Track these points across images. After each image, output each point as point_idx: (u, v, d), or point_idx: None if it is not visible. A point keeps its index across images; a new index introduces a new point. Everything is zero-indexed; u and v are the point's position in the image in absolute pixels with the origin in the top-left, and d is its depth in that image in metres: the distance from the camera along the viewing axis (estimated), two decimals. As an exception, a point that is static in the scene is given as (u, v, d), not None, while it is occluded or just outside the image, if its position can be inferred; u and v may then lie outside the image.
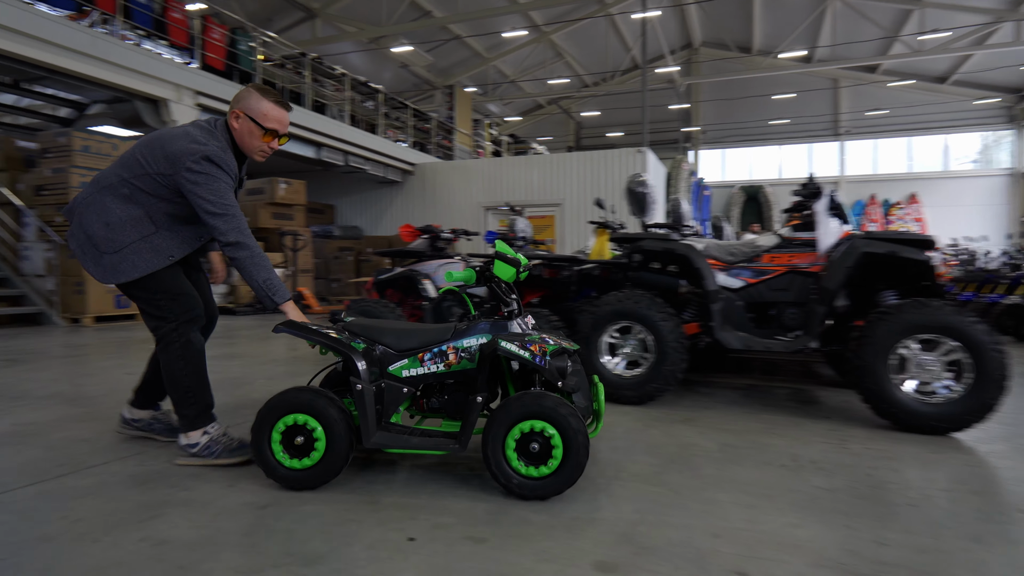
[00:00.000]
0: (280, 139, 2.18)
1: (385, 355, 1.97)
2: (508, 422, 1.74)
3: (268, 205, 10.80)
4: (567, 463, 1.71)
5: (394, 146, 12.89)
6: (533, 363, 1.76)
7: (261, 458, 1.84)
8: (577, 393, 1.95)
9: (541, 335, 1.88)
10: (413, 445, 1.83)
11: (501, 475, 1.75)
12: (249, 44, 9.40)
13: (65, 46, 6.65)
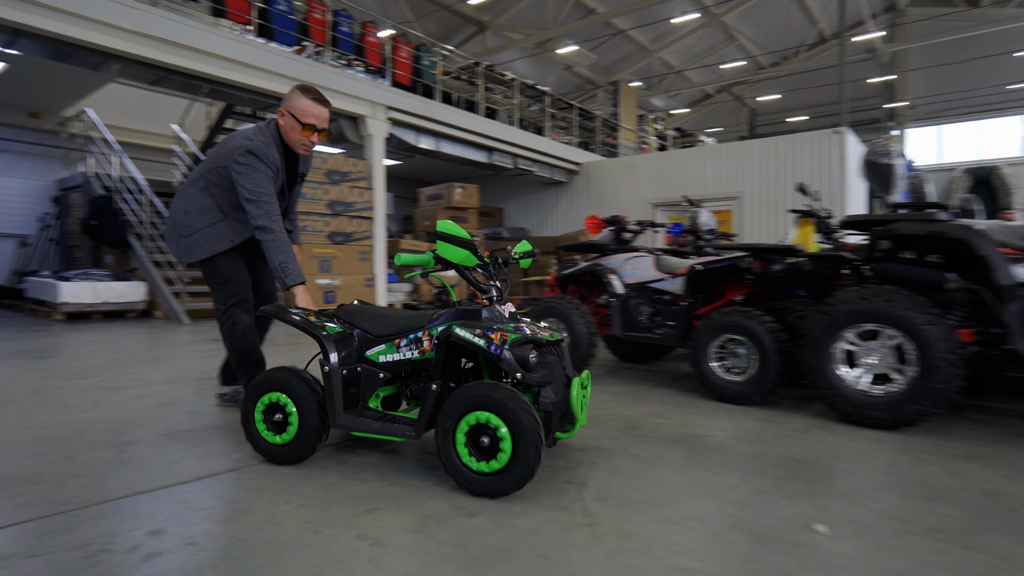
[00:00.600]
0: (319, 133, 2.37)
1: (363, 340, 1.98)
2: (457, 413, 1.66)
3: (446, 209, 11.48)
4: (515, 461, 1.60)
5: (560, 146, 12.93)
6: (487, 351, 1.67)
7: (248, 432, 1.96)
8: (547, 387, 1.77)
9: (519, 324, 1.79)
10: (375, 429, 1.82)
11: (450, 467, 1.69)
12: (431, 59, 10.05)
13: (289, 76, 7.67)
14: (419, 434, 1.77)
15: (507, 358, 1.67)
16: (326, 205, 8.38)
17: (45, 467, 1.91)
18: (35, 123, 10.21)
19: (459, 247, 1.74)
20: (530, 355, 1.69)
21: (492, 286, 1.89)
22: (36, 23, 5.74)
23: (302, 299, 2.17)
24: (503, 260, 2.08)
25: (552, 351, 1.88)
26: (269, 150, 2.30)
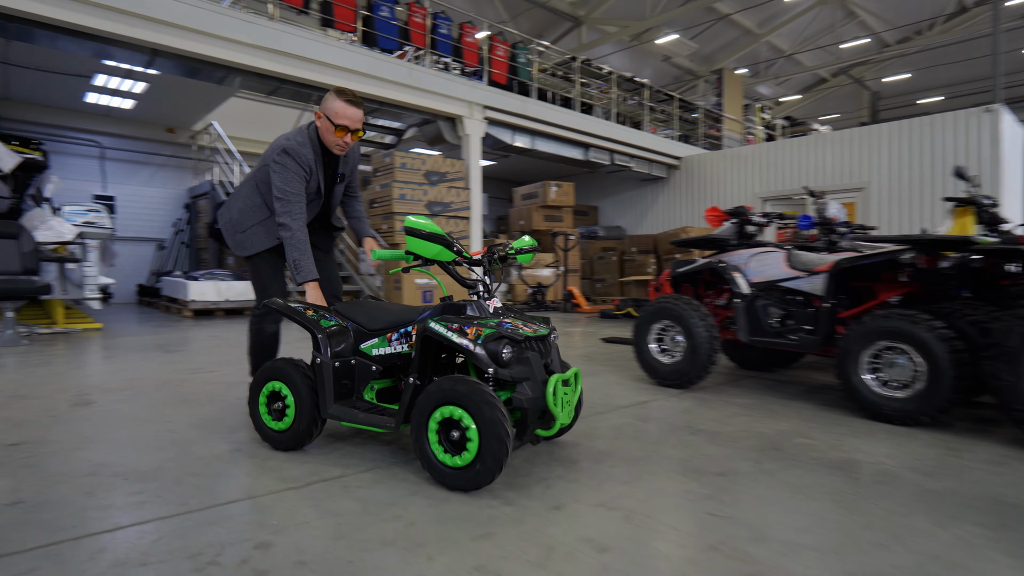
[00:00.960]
0: (352, 134, 2.39)
1: (358, 334, 2.04)
2: (429, 407, 1.68)
3: (541, 208, 11.33)
4: (481, 455, 1.60)
5: (659, 140, 12.36)
6: (459, 346, 1.68)
7: (253, 418, 2.09)
8: (523, 384, 1.73)
9: (502, 320, 1.78)
10: (360, 420, 1.87)
11: (424, 460, 1.71)
12: (527, 57, 9.94)
13: (391, 80, 7.85)
14: (397, 426, 1.81)
15: (478, 353, 1.67)
16: (425, 206, 8.49)
17: (165, 463, 1.92)
18: (171, 137, 11.24)
19: (430, 242, 1.74)
20: (503, 350, 1.67)
21: (478, 281, 1.88)
22: (171, 42, 6.21)
23: (311, 295, 2.26)
24: (500, 256, 2.07)
25: (533, 347, 1.82)
26: (303, 150, 2.38)
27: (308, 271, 2.28)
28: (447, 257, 1.78)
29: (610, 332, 6.34)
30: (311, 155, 2.40)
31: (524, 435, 1.77)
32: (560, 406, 1.78)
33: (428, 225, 1.74)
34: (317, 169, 2.45)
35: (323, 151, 2.48)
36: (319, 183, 2.48)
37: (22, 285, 4.60)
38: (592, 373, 3.73)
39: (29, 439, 2.16)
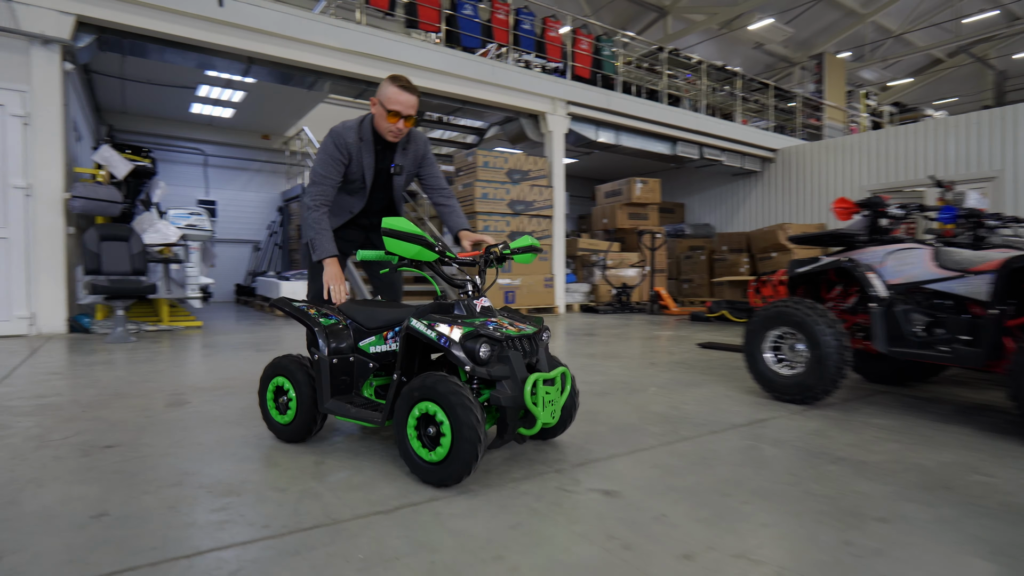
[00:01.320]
0: (405, 120, 2.36)
1: (357, 332, 2.09)
2: (408, 403, 1.71)
3: (625, 206, 10.91)
4: (453, 452, 1.62)
5: (753, 132, 11.57)
6: (437, 344, 1.71)
7: (263, 411, 2.19)
8: (503, 383, 1.73)
9: (488, 319, 1.80)
10: (351, 414, 1.91)
11: (404, 455, 1.74)
12: (611, 49, 9.57)
13: (474, 78, 7.77)
14: (383, 421, 1.83)
15: (455, 351, 1.69)
16: (507, 205, 8.35)
17: (250, 475, 1.81)
18: (266, 144, 11.81)
19: (408, 242, 1.75)
20: (479, 348, 1.68)
21: (466, 280, 1.89)
22: (266, 50, 6.41)
23: (327, 272, 2.30)
24: (496, 256, 2.08)
25: (516, 346, 1.80)
26: (347, 134, 2.40)
27: (323, 249, 2.35)
28: (428, 257, 1.81)
29: (705, 336, 5.89)
30: (354, 140, 2.41)
31: (505, 434, 1.77)
32: (542, 406, 1.77)
33: (405, 225, 1.75)
34: (361, 156, 2.45)
35: (376, 140, 2.47)
36: (363, 171, 2.47)
37: (131, 285, 4.85)
38: (695, 383, 3.38)
39: (123, 441, 2.15)
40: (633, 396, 3.03)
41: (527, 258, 2.14)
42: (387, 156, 2.53)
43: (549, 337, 1.96)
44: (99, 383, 3.21)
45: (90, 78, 8.26)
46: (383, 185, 2.61)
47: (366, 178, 2.50)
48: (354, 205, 2.57)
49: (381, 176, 2.56)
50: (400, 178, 2.61)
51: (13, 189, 5.24)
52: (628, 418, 2.57)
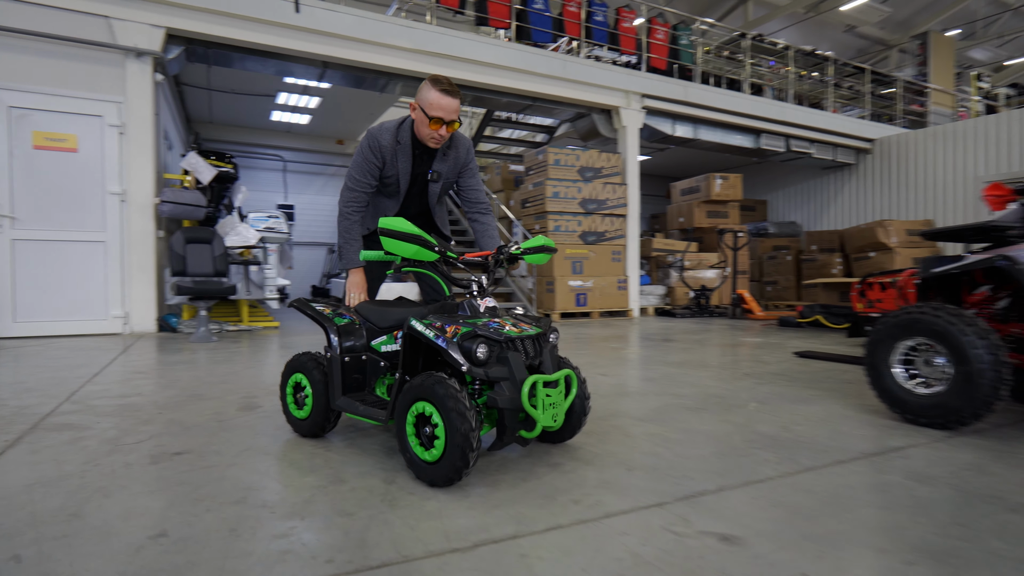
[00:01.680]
0: (448, 126, 2.26)
1: (370, 331, 2.11)
2: (407, 402, 1.71)
3: (703, 203, 10.34)
4: (447, 452, 1.60)
5: (847, 121, 10.68)
6: (434, 343, 1.70)
7: (283, 407, 2.24)
8: (501, 384, 1.68)
9: (491, 319, 1.79)
10: (359, 412, 1.93)
11: (404, 454, 1.74)
12: (690, 38, 9.08)
13: (545, 74, 7.55)
14: (387, 420, 1.83)
15: (452, 352, 1.67)
16: (579, 203, 8.06)
17: (315, 493, 1.66)
18: (340, 149, 12.10)
19: (405, 242, 1.73)
20: (476, 349, 1.66)
21: (472, 280, 1.88)
22: (340, 54, 6.47)
23: (350, 280, 2.29)
24: (506, 257, 2.04)
25: (517, 347, 1.77)
26: (382, 137, 2.33)
27: (349, 259, 2.34)
28: (427, 257, 1.79)
29: (799, 344, 5.38)
30: (389, 142, 2.34)
31: (504, 436, 1.73)
32: (542, 408, 1.72)
33: (402, 225, 1.73)
34: (397, 160, 2.37)
35: (414, 144, 2.38)
36: (398, 176, 2.40)
37: (213, 286, 4.97)
38: (802, 399, 2.99)
39: (192, 448, 2.07)
40: (732, 412, 2.69)
41: (540, 258, 2.09)
42: (425, 161, 2.43)
43: (557, 339, 1.92)
44: (178, 383, 3.22)
45: (181, 90, 8.71)
46: (420, 192, 2.51)
47: (401, 183, 2.42)
48: (388, 209, 2.51)
49: (417, 182, 2.47)
50: (436, 185, 2.49)
51: (110, 195, 5.52)
52: (731, 439, 2.25)
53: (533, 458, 1.98)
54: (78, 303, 5.36)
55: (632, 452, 2.07)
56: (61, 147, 5.33)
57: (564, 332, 6.38)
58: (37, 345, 4.79)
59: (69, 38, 5.35)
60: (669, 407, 2.78)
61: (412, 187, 2.46)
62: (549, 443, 2.11)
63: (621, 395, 3.06)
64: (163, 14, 5.68)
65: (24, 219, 5.20)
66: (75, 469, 1.83)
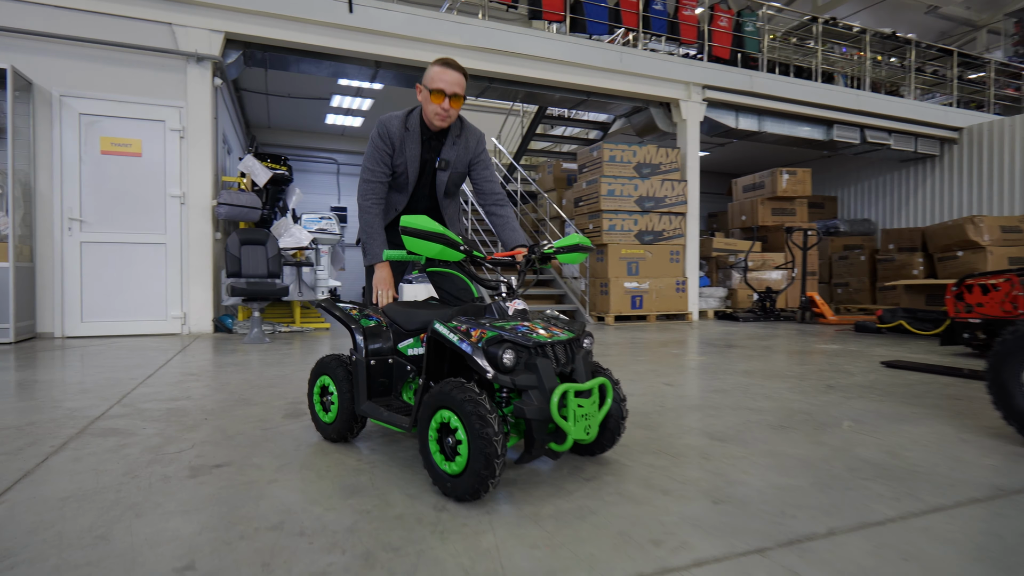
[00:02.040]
0: (451, 99, 2.18)
1: (397, 334, 2.04)
2: (429, 411, 1.62)
3: (768, 200, 9.78)
4: (470, 465, 1.49)
5: (930, 108, 9.87)
6: (458, 348, 1.60)
7: (311, 410, 2.19)
8: (529, 393, 1.56)
9: (520, 322, 1.67)
10: (383, 418, 1.85)
11: (426, 465, 1.63)
12: (755, 24, 8.58)
13: (600, 67, 7.27)
14: (410, 427, 1.74)
15: (475, 356, 1.56)
16: (635, 202, 7.73)
17: (358, 521, 1.48)
18: (394, 151, 12.16)
19: (429, 241, 1.63)
20: (502, 354, 1.54)
21: (500, 282, 1.79)
22: (392, 52, 6.41)
23: (376, 276, 2.20)
24: (538, 256, 1.94)
25: (547, 353, 1.62)
26: (391, 123, 2.27)
27: (373, 254, 2.24)
28: (452, 256, 1.69)
29: (881, 352, 4.90)
30: (398, 128, 2.27)
31: (532, 449, 1.59)
32: (573, 420, 1.58)
33: (425, 223, 1.63)
34: (406, 146, 2.30)
35: (423, 130, 2.31)
36: (406, 164, 2.31)
37: (266, 287, 4.97)
38: (904, 418, 2.62)
39: (233, 460, 1.94)
40: (824, 433, 2.37)
41: (574, 258, 1.96)
42: (434, 148, 2.37)
43: (592, 344, 1.78)
44: (228, 387, 3.16)
45: (240, 95, 8.92)
46: (428, 183, 2.41)
47: (409, 172, 2.34)
48: (399, 203, 2.43)
49: (426, 171, 2.40)
50: (444, 174, 2.39)
51: (170, 198, 5.63)
52: (830, 467, 1.94)
53: (596, 482, 1.75)
54: (140, 304, 5.50)
55: (716, 480, 1.80)
56: (126, 152, 5.48)
57: (619, 336, 6.08)
58: (100, 345, 4.91)
59: (136, 46, 5.49)
60: (749, 424, 2.49)
61: (421, 177, 2.39)
62: (585, 455, 1.97)
63: (691, 408, 2.78)
64: (222, 19, 5.76)
65: (92, 222, 5.37)
66: (112, 481, 1.73)
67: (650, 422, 2.52)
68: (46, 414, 2.52)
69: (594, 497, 1.65)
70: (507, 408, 1.70)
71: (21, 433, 2.22)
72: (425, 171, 2.38)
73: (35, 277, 5.22)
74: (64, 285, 5.26)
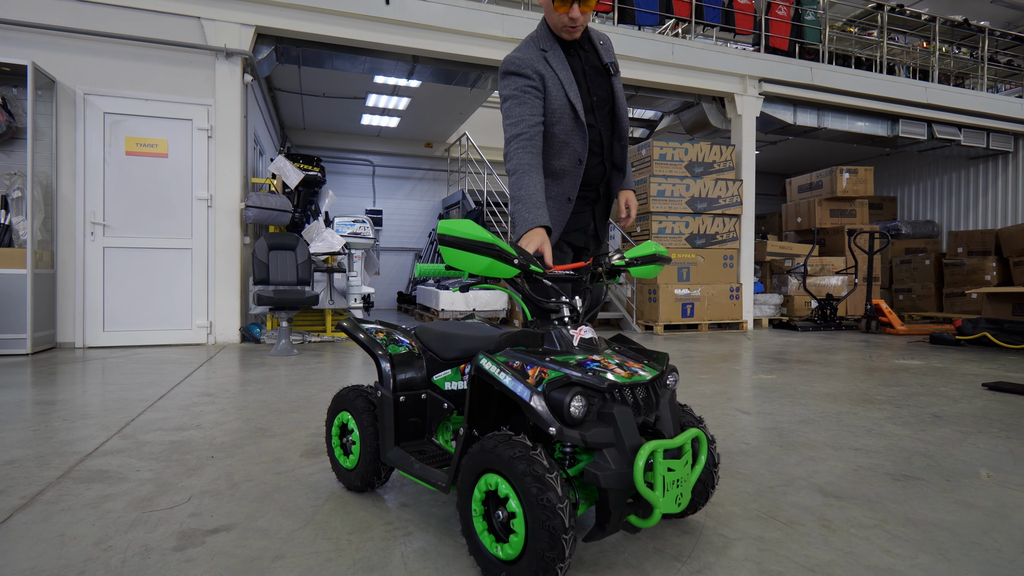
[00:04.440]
0: (580, 4, 1.66)
1: (431, 363, 1.67)
2: (473, 473, 1.24)
3: (826, 201, 9.11)
4: (528, 549, 1.12)
5: (1005, 101, 9.06)
6: (511, 392, 1.20)
7: (330, 453, 1.82)
8: (602, 451, 1.17)
9: (588, 358, 1.28)
10: (415, 472, 1.48)
11: (470, 545, 1.25)
12: (816, 13, 7.97)
13: (651, 60, 6.80)
14: (448, 487, 1.34)
15: (535, 405, 1.16)
16: (686, 203, 7.21)
17: None
18: (428, 152, 11.88)
19: (474, 253, 1.24)
20: (570, 402, 1.15)
21: (563, 304, 1.39)
22: (430, 46, 6.07)
23: (528, 238, 1.53)
24: (607, 270, 1.52)
25: (626, 399, 1.23)
26: (522, 53, 1.72)
27: (523, 222, 1.57)
28: (505, 273, 1.31)
29: (972, 370, 4.30)
30: (535, 55, 1.71)
31: (607, 524, 1.18)
32: (662, 489, 1.16)
33: (469, 229, 1.25)
34: (556, 69, 1.72)
35: (562, 45, 1.77)
36: (563, 90, 1.71)
37: (294, 295, 4.67)
38: None
39: (234, 521, 1.56)
40: (961, 487, 1.87)
41: (649, 271, 1.61)
42: (588, 61, 1.82)
43: (676, 382, 1.39)
44: (245, 411, 2.81)
45: (274, 96, 8.73)
46: (605, 102, 1.83)
47: (573, 101, 1.73)
48: (576, 147, 1.77)
49: (594, 86, 1.81)
50: (618, 80, 1.86)
51: (197, 201, 5.39)
52: (995, 543, 1.46)
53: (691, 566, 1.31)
54: (164, 312, 5.26)
55: (853, 565, 1.34)
56: (152, 152, 5.26)
57: (671, 348, 5.59)
58: (121, 356, 4.67)
59: (162, 41, 5.28)
60: (862, 473, 2.01)
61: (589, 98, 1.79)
62: (673, 517, 1.59)
63: (783, 448, 2.30)
64: (253, 12, 5.51)
65: (115, 226, 5.15)
66: (79, 554, 1.36)
67: (739, 467, 2.06)
68: (33, 448, 2.20)
69: None
70: (572, 469, 1.31)
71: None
72: (593, 86, 1.81)
73: (56, 284, 5.03)
74: (86, 293, 5.05)
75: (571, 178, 1.80)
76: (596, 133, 1.82)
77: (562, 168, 1.79)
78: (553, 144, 1.76)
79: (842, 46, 9.04)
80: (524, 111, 1.69)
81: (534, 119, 1.69)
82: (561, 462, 1.32)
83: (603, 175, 1.90)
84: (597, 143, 1.84)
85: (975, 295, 8.77)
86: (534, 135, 1.68)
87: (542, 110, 1.72)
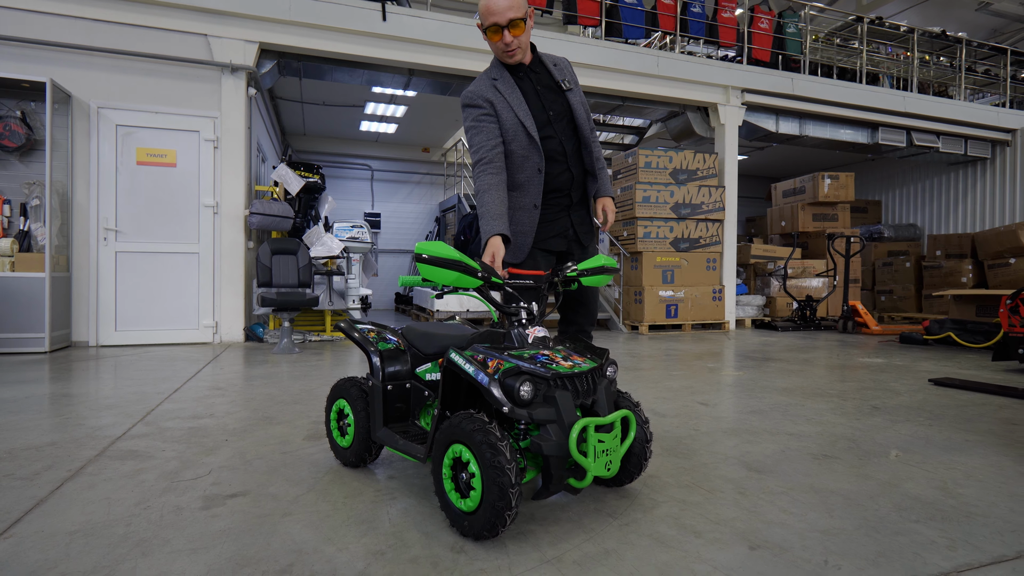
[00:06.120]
0: (509, 29, 1.91)
1: (415, 357, 1.98)
2: (443, 444, 1.56)
3: (809, 205, 9.43)
4: (484, 502, 1.43)
5: (982, 109, 9.38)
6: (474, 379, 1.52)
7: (328, 434, 2.14)
8: (547, 427, 1.49)
9: (540, 351, 1.61)
10: (399, 447, 1.80)
11: (442, 504, 1.57)
12: (797, 25, 8.29)
13: (637, 72, 7.12)
14: (425, 457, 1.68)
15: (492, 390, 1.48)
16: (671, 208, 7.53)
17: (371, 563, 1.40)
18: (426, 157, 12.20)
19: (444, 268, 1.55)
20: (520, 387, 1.46)
21: (521, 308, 1.68)
22: (426, 60, 6.38)
23: (488, 252, 1.85)
24: (560, 280, 1.86)
25: (567, 385, 1.55)
26: (475, 86, 1.99)
27: (485, 231, 1.88)
28: (466, 284, 1.61)
29: (929, 367, 4.62)
30: (486, 84, 1.97)
31: (550, 484, 1.51)
32: (593, 456, 1.50)
33: (440, 250, 1.55)
34: (504, 93, 1.96)
35: (512, 71, 2.01)
36: (514, 112, 1.95)
37: (296, 297, 4.99)
38: (956, 446, 2.40)
39: (249, 488, 1.89)
40: (869, 464, 2.19)
41: (600, 280, 1.89)
42: (539, 81, 2.03)
43: (615, 372, 1.72)
44: (252, 403, 3.14)
45: (276, 104, 9.05)
46: (557, 117, 2.02)
47: (522, 118, 1.95)
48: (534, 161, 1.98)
49: (548, 102, 2.01)
50: (574, 95, 2.05)
51: (204, 208, 5.71)
52: (877, 506, 1.78)
53: (622, 521, 1.63)
54: (172, 313, 5.59)
55: (752, 520, 1.66)
56: (161, 162, 5.58)
57: (653, 347, 5.91)
58: (133, 355, 4.99)
59: (172, 57, 5.59)
60: (788, 453, 2.32)
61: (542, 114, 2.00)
62: (612, 487, 1.90)
63: (727, 433, 2.62)
64: (257, 30, 5.82)
65: (127, 232, 5.48)
66: (124, 512, 1.68)
67: (684, 448, 2.38)
68: (69, 432, 2.52)
69: (620, 539, 1.53)
70: (525, 441, 1.62)
71: (41, 455, 2.22)
72: (544, 104, 2.02)
73: (71, 286, 5.36)
74: (99, 294, 5.38)
75: (534, 187, 2.02)
76: (556, 143, 2.05)
77: (526, 179, 2.02)
78: (514, 159, 2.01)
79: (825, 56, 9.37)
80: (482, 138, 1.94)
81: (491, 143, 1.94)
82: (517, 437, 1.63)
83: (571, 181, 2.10)
84: (559, 152, 2.04)
85: (944, 297, 9.09)
86: (493, 157, 1.94)
87: (498, 133, 1.96)
